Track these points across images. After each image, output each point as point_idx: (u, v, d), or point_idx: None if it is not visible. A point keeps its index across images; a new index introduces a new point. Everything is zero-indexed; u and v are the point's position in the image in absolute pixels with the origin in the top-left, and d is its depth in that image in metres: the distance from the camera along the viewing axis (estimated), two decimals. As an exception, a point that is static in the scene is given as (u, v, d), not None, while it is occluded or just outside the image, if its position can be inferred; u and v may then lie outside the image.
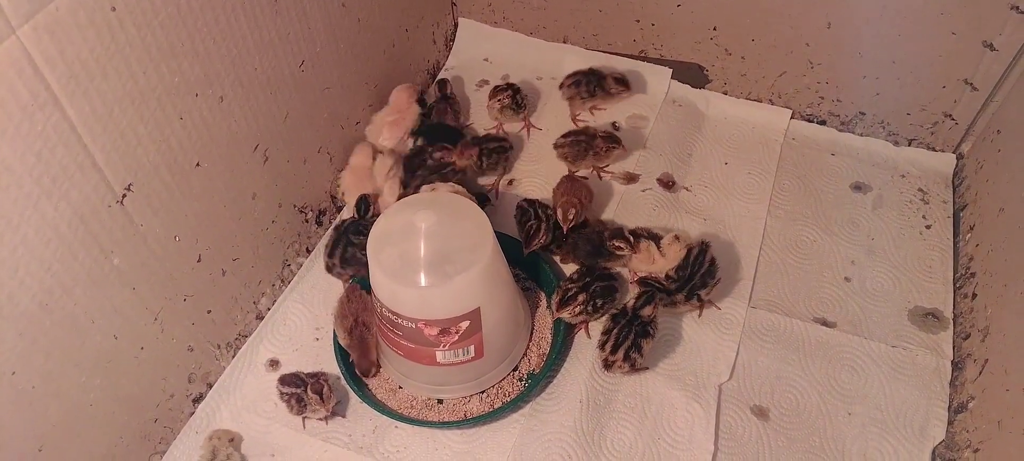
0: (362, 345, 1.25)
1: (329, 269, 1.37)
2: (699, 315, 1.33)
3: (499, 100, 1.58)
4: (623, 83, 1.59)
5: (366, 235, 1.19)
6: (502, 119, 1.63)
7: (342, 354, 1.27)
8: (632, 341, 1.20)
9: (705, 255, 1.30)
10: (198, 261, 1.19)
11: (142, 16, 0.96)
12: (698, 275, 1.28)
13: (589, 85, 1.59)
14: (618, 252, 1.33)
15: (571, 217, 1.33)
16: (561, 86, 1.62)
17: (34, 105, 0.86)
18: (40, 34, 0.84)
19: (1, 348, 0.91)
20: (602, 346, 1.23)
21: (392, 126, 1.53)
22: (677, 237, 1.34)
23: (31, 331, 0.94)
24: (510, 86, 1.61)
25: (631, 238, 1.33)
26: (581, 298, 1.26)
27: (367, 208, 1.39)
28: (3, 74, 0.81)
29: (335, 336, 1.28)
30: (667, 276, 1.30)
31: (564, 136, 1.52)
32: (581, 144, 1.49)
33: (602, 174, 1.54)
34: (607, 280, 1.30)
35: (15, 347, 0.93)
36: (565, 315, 1.27)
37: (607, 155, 1.50)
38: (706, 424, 1.21)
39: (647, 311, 1.22)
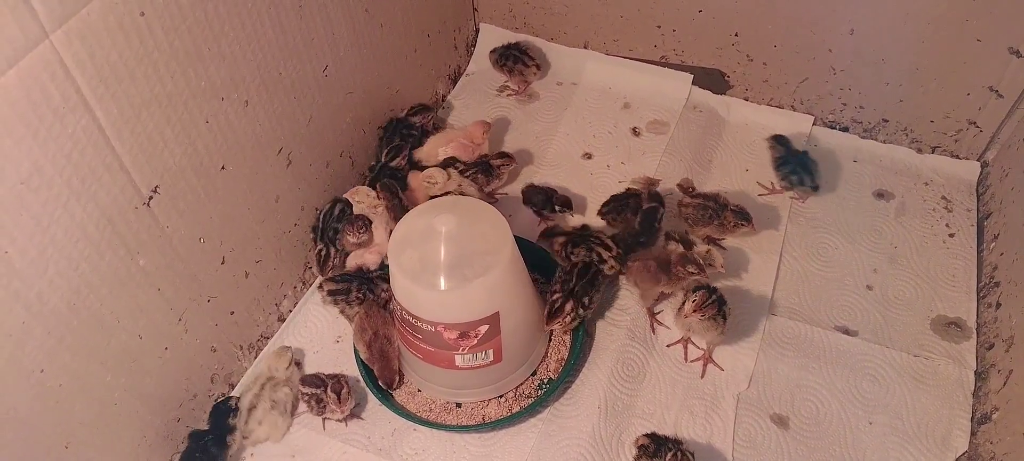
0: (383, 357, 1.25)
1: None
2: None
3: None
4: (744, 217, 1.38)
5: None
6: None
7: (364, 363, 1.28)
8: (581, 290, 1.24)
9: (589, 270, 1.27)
10: (222, 263, 1.20)
11: (170, 21, 0.97)
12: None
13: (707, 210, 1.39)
14: (690, 274, 1.26)
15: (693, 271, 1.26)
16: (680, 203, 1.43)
17: (65, 108, 0.87)
18: (72, 38, 0.85)
19: (30, 346, 0.93)
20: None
21: (462, 148, 1.51)
22: (710, 251, 1.31)
23: (59, 329, 0.96)
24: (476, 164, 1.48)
25: (699, 262, 1.26)
26: (568, 307, 1.23)
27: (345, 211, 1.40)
28: (36, 77, 0.83)
29: (356, 351, 1.28)
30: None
31: (693, 195, 1.43)
32: (709, 210, 1.37)
33: (717, 243, 1.42)
34: (586, 272, 1.26)
35: (43, 345, 0.95)
36: (556, 327, 1.25)
37: (734, 230, 1.38)
38: (724, 433, 1.21)
39: (578, 255, 1.30)
